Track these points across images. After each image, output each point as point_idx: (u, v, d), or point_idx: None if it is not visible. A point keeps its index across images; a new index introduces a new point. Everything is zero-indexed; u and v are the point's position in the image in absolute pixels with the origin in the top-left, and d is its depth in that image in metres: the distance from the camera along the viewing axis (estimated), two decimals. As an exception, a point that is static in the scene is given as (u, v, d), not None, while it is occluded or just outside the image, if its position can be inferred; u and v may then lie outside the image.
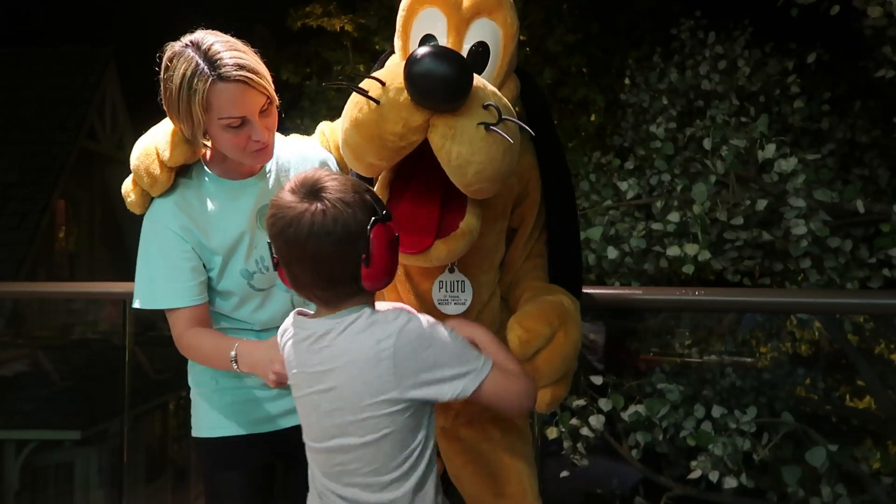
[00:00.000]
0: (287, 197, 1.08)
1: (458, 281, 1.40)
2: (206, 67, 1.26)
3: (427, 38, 1.32)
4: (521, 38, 1.48)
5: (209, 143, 1.41)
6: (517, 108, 1.37)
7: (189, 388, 1.58)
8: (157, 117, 1.44)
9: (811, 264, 3.70)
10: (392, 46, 1.44)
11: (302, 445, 1.22)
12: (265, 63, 1.36)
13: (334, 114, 1.60)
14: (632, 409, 3.40)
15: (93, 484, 6.88)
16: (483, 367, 1.12)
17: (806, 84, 5.05)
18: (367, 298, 1.16)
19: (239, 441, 1.49)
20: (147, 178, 1.38)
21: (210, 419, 1.51)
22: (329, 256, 1.07)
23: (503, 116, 1.16)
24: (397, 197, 1.30)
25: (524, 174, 1.44)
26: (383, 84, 1.17)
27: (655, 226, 3.68)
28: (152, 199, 1.44)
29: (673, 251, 3.38)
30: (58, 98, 8.62)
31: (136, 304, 1.43)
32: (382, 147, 1.18)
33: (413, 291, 1.43)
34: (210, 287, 1.48)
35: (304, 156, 1.54)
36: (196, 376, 1.54)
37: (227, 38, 1.33)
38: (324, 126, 1.66)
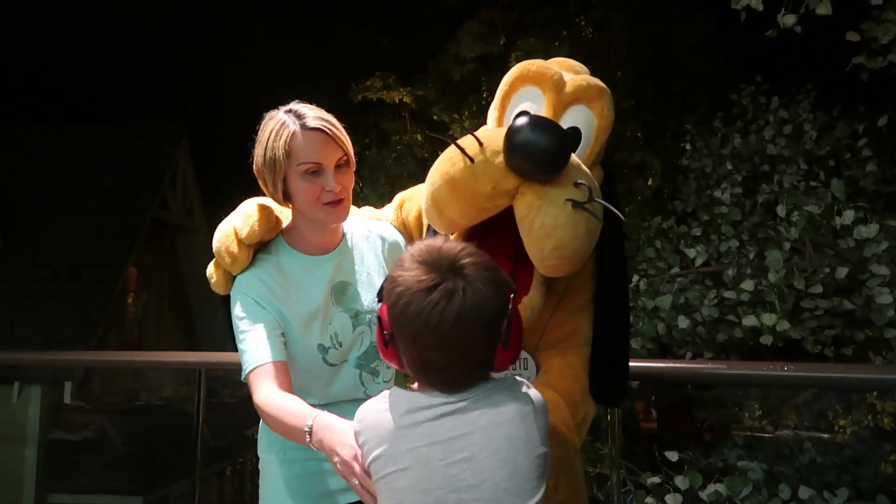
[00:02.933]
0: (421, 275, 0.98)
1: (521, 359, 1.35)
2: (292, 121, 1.39)
3: (523, 115, 1.29)
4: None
5: (290, 207, 1.45)
6: None
7: (257, 458, 1.57)
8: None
9: (896, 334, 3.50)
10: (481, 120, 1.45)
11: None
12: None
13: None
14: (710, 487, 3.20)
15: (152, 549, 6.89)
16: None
17: (877, 146, 4.91)
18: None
19: (305, 515, 1.46)
20: (227, 257, 1.44)
21: (277, 491, 1.50)
22: (473, 340, 0.98)
23: (592, 196, 1.16)
24: None
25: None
26: (481, 144, 1.19)
27: (728, 294, 3.56)
28: (234, 277, 1.48)
29: (749, 321, 3.25)
30: (134, 170, 9.07)
31: (243, 377, 1.42)
32: (468, 205, 1.21)
33: None
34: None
35: (370, 235, 1.57)
36: (265, 446, 1.54)
37: (317, 107, 1.44)
38: (403, 196, 1.65)
